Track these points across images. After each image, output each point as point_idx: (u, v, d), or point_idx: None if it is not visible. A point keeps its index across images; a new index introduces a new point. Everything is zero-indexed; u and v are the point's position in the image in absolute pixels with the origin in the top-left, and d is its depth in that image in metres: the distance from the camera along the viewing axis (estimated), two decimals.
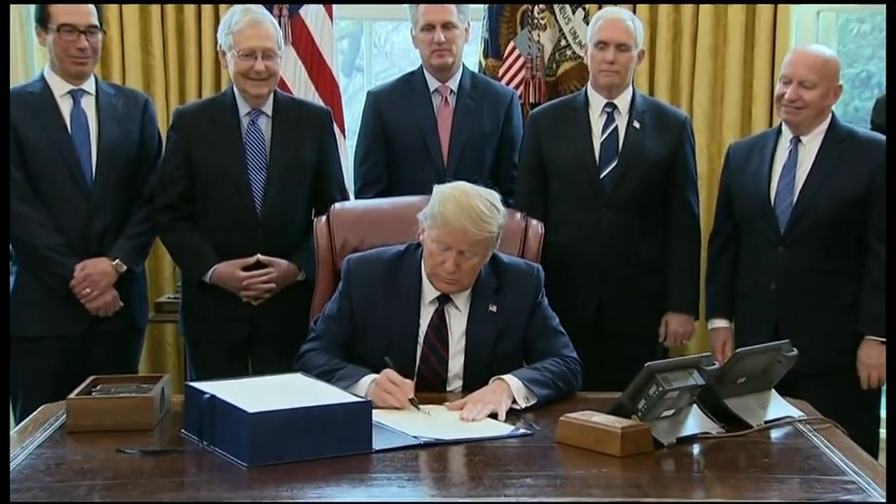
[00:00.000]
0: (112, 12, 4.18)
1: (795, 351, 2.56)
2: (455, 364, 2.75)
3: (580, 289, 3.39)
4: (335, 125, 3.63)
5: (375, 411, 2.31)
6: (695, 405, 2.39)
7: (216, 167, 3.33)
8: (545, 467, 2.17)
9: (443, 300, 2.76)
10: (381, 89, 3.77)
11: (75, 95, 3.34)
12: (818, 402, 2.66)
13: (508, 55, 4.11)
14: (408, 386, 2.55)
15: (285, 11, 4.11)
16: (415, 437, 2.29)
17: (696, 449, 2.30)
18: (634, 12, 3.93)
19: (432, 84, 3.65)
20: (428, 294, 2.76)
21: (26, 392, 3.26)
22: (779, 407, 2.54)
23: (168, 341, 4.40)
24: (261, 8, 3.41)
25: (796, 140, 3.28)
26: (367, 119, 3.69)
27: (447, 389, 2.75)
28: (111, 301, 3.34)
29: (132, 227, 3.39)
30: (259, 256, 3.32)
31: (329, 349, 2.74)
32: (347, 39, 5.01)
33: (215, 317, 3.36)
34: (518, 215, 3.21)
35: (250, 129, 3.36)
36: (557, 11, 4.12)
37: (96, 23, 3.32)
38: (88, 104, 3.36)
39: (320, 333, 2.80)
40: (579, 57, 4.07)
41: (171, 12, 4.29)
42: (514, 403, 2.56)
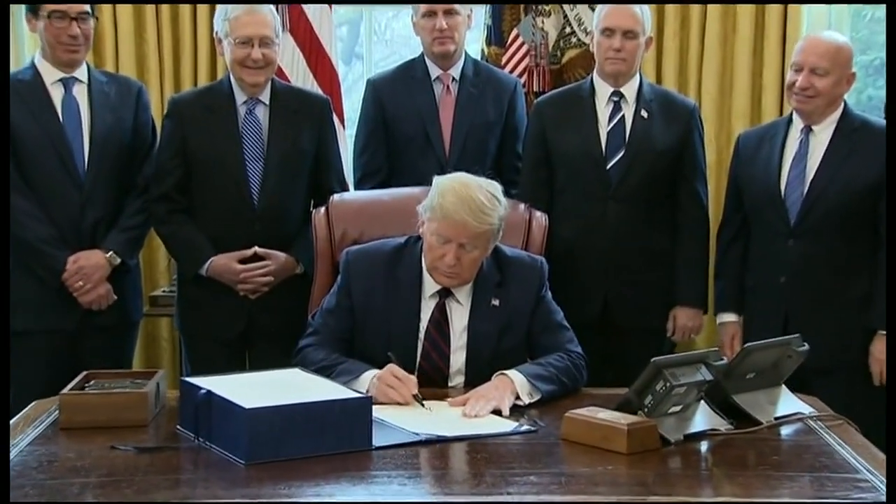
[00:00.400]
0: None
1: (806, 346, 2.56)
2: (457, 359, 2.75)
3: (585, 282, 3.39)
4: (334, 114, 3.63)
5: (375, 407, 2.31)
6: (703, 401, 2.39)
7: (212, 157, 3.33)
8: (549, 465, 2.17)
9: (444, 294, 2.76)
10: (382, 77, 3.76)
11: (67, 83, 3.34)
12: (830, 399, 2.66)
13: (511, 42, 4.11)
14: (412, 382, 2.55)
15: None
16: (416, 434, 2.29)
17: (704, 446, 2.30)
18: None
19: (434, 72, 3.64)
20: (428, 288, 2.76)
21: (18, 387, 3.26)
22: (789, 403, 2.54)
23: (163, 336, 4.42)
24: None
25: (807, 129, 3.27)
26: (367, 108, 3.69)
27: (449, 385, 2.75)
28: (104, 294, 3.34)
29: (126, 219, 3.39)
30: (256, 249, 3.32)
31: (328, 344, 2.74)
32: (346, 26, 5.00)
33: (211, 311, 3.37)
34: (522, 207, 3.21)
35: (247, 119, 3.36)
36: None
37: (88, 9, 3.31)
38: (80, 92, 3.36)
39: (319, 328, 2.80)
40: (585, 44, 4.06)
41: None
42: (518, 399, 2.55)
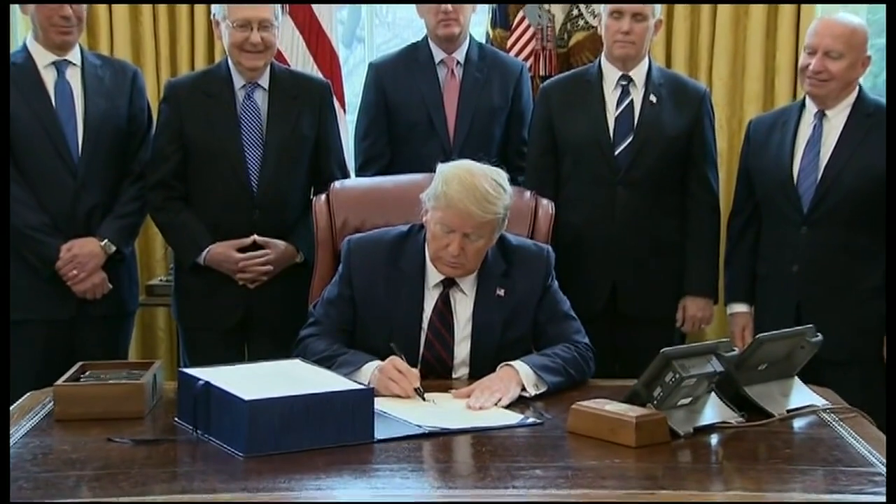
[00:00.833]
0: None
1: (820, 336, 2.56)
2: (461, 351, 2.76)
3: (593, 271, 3.39)
4: (335, 99, 3.63)
5: (378, 399, 2.32)
6: (713, 393, 2.40)
7: (210, 143, 3.33)
8: (555, 458, 2.17)
9: (448, 284, 2.76)
10: (384, 61, 3.76)
11: (60, 67, 3.34)
12: (844, 391, 2.66)
13: (517, 25, 4.10)
14: (414, 375, 2.55)
15: None
16: (419, 427, 2.29)
17: (715, 439, 2.30)
18: None
19: (438, 55, 3.64)
20: (432, 278, 2.76)
21: (11, 379, 3.27)
22: (802, 395, 2.54)
23: (160, 326, 4.42)
24: None
25: (821, 114, 3.27)
26: (369, 92, 3.69)
27: (453, 377, 2.75)
28: (99, 284, 3.34)
29: (121, 206, 3.39)
30: (255, 237, 3.33)
31: (329, 334, 2.75)
32: (347, 8, 4.98)
33: (209, 301, 3.37)
34: (528, 194, 3.20)
35: (246, 104, 3.36)
36: None
37: None
38: (74, 76, 3.35)
39: (320, 318, 2.80)
40: (592, 27, 4.06)
41: None
42: (524, 391, 2.56)
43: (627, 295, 3.43)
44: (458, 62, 3.64)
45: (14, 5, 3.51)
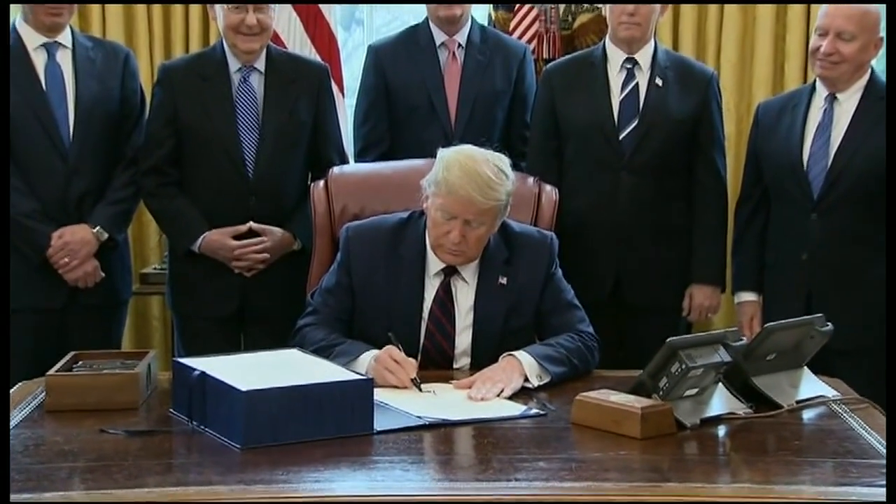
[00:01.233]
0: None
1: (830, 326, 2.56)
2: (462, 340, 2.76)
3: (597, 259, 3.39)
4: (333, 83, 3.62)
5: (377, 390, 2.32)
6: (720, 384, 2.40)
7: (205, 128, 3.33)
8: (559, 450, 2.17)
9: (449, 272, 2.76)
10: (383, 44, 3.76)
11: (50, 49, 3.33)
12: (854, 381, 2.65)
13: (520, 7, 4.09)
14: (410, 365, 2.56)
15: None
16: (419, 418, 2.29)
17: (722, 430, 2.30)
18: None
19: (438, 38, 3.63)
20: (433, 266, 2.76)
21: None
22: (811, 386, 2.54)
23: (154, 315, 4.43)
24: None
25: (832, 98, 3.26)
26: (368, 76, 3.69)
27: (454, 367, 2.75)
28: (91, 272, 3.34)
29: (114, 192, 3.38)
30: (252, 224, 3.32)
31: (327, 324, 2.75)
32: None
33: (205, 289, 3.37)
34: (531, 180, 3.20)
35: (241, 87, 3.35)
36: None
37: None
38: (64, 58, 3.34)
39: (318, 307, 2.80)
40: (597, 8, 4.05)
41: None
42: (527, 382, 2.56)
43: (633, 283, 3.42)
44: (460, 45, 3.63)
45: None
